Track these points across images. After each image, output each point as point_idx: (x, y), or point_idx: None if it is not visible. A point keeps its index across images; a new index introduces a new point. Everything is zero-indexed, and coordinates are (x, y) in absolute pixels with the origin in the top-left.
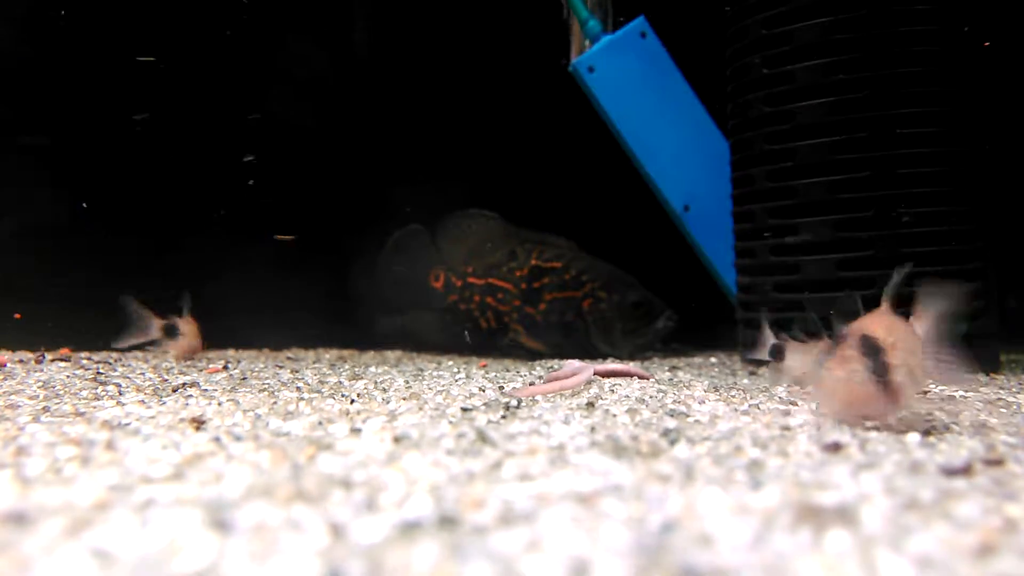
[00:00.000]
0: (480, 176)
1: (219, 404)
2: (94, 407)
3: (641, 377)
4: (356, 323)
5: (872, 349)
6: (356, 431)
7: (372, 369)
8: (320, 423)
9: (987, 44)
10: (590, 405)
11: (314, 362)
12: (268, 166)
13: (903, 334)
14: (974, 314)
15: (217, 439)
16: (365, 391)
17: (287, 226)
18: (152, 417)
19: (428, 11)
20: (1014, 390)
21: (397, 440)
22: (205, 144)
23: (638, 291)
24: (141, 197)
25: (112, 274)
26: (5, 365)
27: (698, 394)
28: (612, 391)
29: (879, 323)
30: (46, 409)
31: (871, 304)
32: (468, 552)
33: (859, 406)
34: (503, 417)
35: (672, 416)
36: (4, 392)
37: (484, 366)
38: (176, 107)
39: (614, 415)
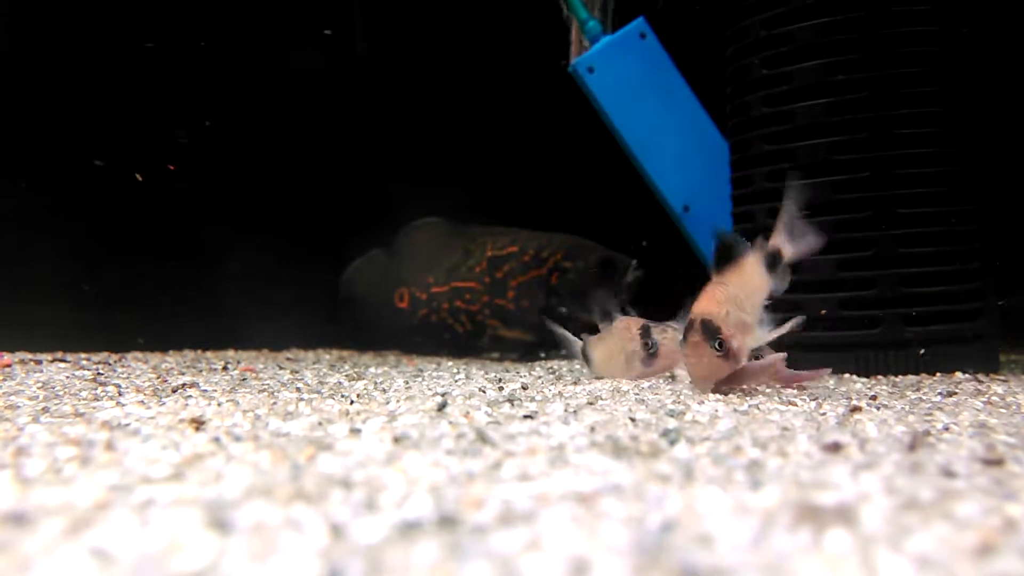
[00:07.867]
0: (479, 176)
1: (218, 405)
2: (93, 408)
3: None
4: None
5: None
6: (356, 431)
7: (372, 370)
8: (320, 423)
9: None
10: (589, 404)
11: (314, 363)
12: (267, 165)
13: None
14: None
15: (217, 439)
16: (365, 391)
17: (287, 225)
18: (152, 418)
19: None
20: (1014, 390)
21: (397, 440)
22: (204, 143)
23: (599, 251)
24: (141, 197)
25: (112, 274)
26: (11, 365)
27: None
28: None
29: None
30: (46, 410)
31: None
32: (468, 552)
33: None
34: (504, 418)
35: (672, 416)
36: (4, 393)
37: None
38: (175, 105)
39: (614, 415)
